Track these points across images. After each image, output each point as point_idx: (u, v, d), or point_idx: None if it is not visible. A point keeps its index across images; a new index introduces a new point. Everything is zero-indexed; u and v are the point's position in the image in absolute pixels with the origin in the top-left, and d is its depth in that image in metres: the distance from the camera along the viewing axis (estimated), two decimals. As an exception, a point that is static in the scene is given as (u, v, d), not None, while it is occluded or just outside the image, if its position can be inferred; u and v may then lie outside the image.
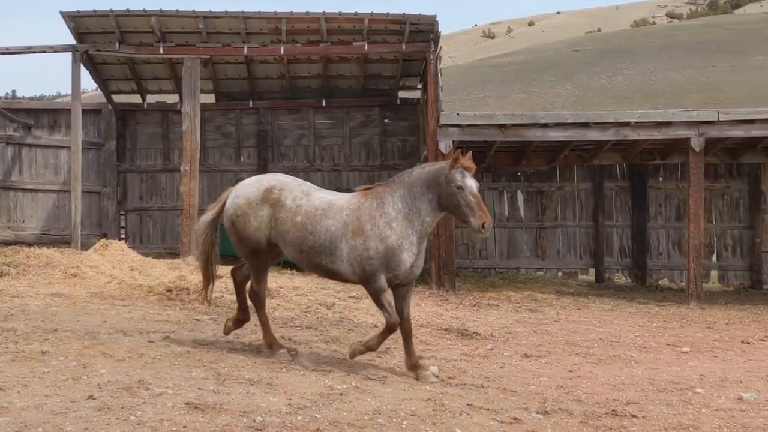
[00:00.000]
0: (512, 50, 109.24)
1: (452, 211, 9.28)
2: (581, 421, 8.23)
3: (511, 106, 57.81)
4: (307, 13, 21.42)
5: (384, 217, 9.23)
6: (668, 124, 20.07)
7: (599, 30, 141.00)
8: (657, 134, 20.30)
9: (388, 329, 9.32)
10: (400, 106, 26.92)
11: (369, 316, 14.37)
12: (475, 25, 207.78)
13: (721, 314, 17.98)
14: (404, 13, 21.26)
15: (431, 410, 7.93)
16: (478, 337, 13.20)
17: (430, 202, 9.29)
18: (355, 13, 21.49)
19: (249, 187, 9.90)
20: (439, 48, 21.37)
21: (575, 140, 21.11)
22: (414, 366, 9.48)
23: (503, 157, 24.10)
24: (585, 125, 20.21)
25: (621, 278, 24.60)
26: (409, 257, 9.27)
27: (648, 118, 20.37)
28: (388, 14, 21.40)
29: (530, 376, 10.22)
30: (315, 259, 9.44)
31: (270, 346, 9.95)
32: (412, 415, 7.67)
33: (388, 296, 9.30)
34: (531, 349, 12.22)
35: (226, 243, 10.63)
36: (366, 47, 22.14)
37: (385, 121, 26.69)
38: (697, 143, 19.79)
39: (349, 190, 22.12)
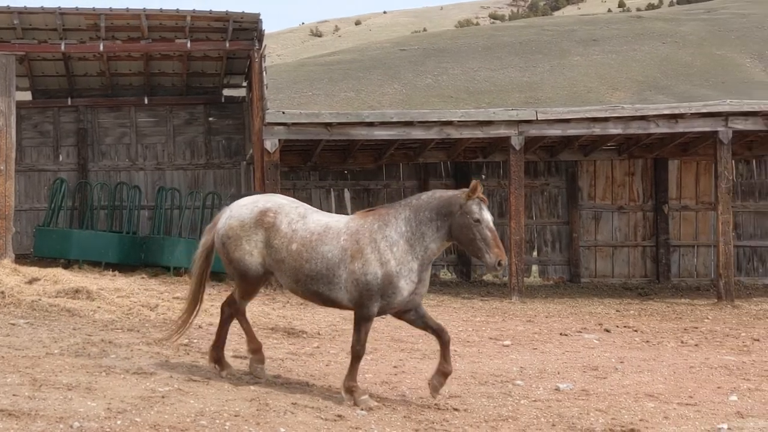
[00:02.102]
0: (340, 49, 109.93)
1: (465, 243, 8.84)
2: (405, 416, 8.36)
3: (339, 104, 58.18)
4: (127, 9, 20.90)
5: (385, 240, 8.77)
6: (489, 123, 20.54)
7: (425, 30, 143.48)
8: (479, 133, 20.75)
9: (356, 358, 8.94)
10: (225, 105, 26.67)
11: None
12: (303, 24, 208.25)
13: (541, 308, 18.55)
14: (227, 11, 21.02)
15: (255, 410, 7.91)
16: (304, 335, 13.22)
17: (438, 230, 8.81)
18: (177, 10, 21.09)
19: (243, 209, 9.40)
20: (263, 46, 21.26)
21: (400, 139, 21.38)
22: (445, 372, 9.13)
23: (330, 156, 24.18)
24: (409, 124, 20.48)
25: (447, 274, 25.01)
26: (407, 285, 8.79)
27: (470, 118, 20.80)
28: (210, 12, 21.10)
29: (355, 373, 10.28)
30: (312, 286, 8.98)
31: (216, 361, 9.64)
32: (235, 416, 7.63)
33: (369, 327, 8.97)
34: (357, 346, 12.29)
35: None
36: (188, 45, 21.81)
37: (210, 119, 26.37)
38: (517, 142, 20.33)
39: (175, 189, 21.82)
